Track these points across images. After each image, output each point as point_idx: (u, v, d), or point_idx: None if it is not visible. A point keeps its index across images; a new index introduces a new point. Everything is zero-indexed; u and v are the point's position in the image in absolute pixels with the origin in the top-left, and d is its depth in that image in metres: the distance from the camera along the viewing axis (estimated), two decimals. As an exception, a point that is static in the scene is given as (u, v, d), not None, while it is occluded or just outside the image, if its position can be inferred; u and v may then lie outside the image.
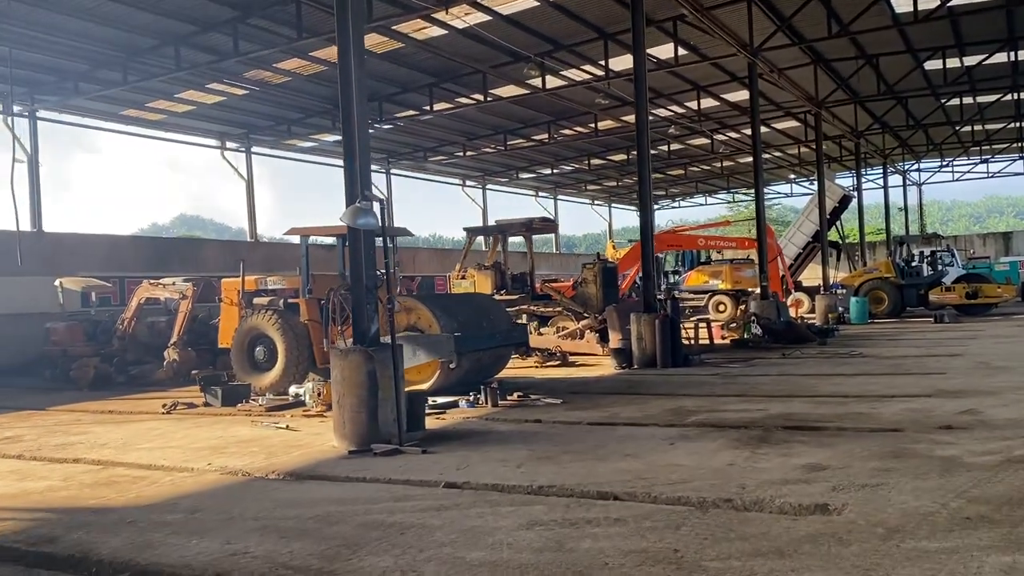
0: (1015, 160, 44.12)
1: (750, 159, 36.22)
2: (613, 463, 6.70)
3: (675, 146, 35.48)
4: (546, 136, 31.26)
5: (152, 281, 16.94)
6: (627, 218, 65.59)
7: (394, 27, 19.07)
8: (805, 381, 11.57)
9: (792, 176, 45.93)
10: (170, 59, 18.98)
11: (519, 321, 16.92)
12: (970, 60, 24.06)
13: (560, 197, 47.68)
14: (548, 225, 19.47)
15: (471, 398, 10.65)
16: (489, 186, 41.35)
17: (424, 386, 11.60)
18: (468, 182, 40.08)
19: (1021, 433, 7.10)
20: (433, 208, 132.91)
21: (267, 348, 12.75)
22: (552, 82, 23.49)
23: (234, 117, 26.00)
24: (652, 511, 5.25)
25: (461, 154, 33.09)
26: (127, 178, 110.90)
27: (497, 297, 18.75)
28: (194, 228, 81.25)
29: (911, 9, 18.61)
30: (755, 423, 8.23)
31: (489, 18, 19.03)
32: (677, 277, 32.88)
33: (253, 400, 11.76)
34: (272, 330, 12.55)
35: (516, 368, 15.25)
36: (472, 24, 19.42)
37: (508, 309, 18.71)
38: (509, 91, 24.45)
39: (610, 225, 51.77)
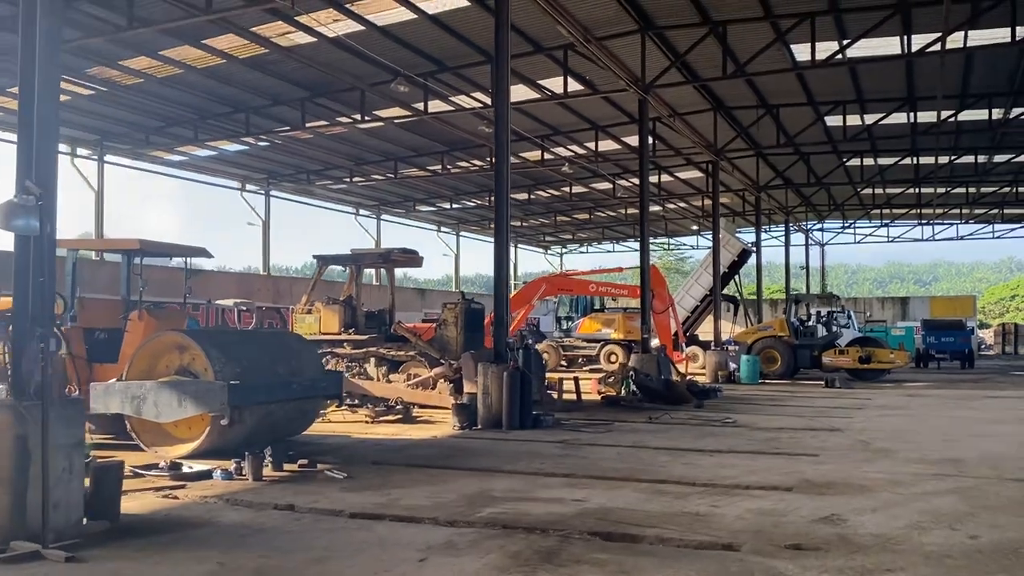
0: (914, 226, 44.52)
1: (654, 208, 35.43)
2: (312, 596, 4.60)
3: (578, 189, 34.14)
4: (440, 167, 29.49)
5: None
6: (537, 261, 64.11)
7: (253, 29, 17.05)
8: (655, 457, 9.72)
9: (695, 228, 45.25)
10: (-17, 44, 16.51)
11: (331, 367, 14.73)
12: (870, 118, 23.44)
13: (464, 234, 45.88)
14: (411, 258, 17.37)
15: (233, 467, 8.40)
16: (385, 217, 39.22)
17: (189, 447, 9.31)
18: (362, 211, 37.87)
19: (885, 562, 5.31)
20: (331, 237, 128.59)
21: None
22: (439, 107, 21.75)
23: (84, 121, 23.14)
24: None
25: (348, 179, 30.94)
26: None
27: (345, 337, 16.56)
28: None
29: (809, 57, 17.59)
30: (557, 525, 6.25)
31: (362, 28, 17.19)
32: (571, 323, 31.30)
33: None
34: None
35: (339, 423, 12.98)
36: (342, 34, 17.52)
37: (355, 351, 16.55)
38: (393, 112, 22.56)
39: (515, 267, 50.04)
